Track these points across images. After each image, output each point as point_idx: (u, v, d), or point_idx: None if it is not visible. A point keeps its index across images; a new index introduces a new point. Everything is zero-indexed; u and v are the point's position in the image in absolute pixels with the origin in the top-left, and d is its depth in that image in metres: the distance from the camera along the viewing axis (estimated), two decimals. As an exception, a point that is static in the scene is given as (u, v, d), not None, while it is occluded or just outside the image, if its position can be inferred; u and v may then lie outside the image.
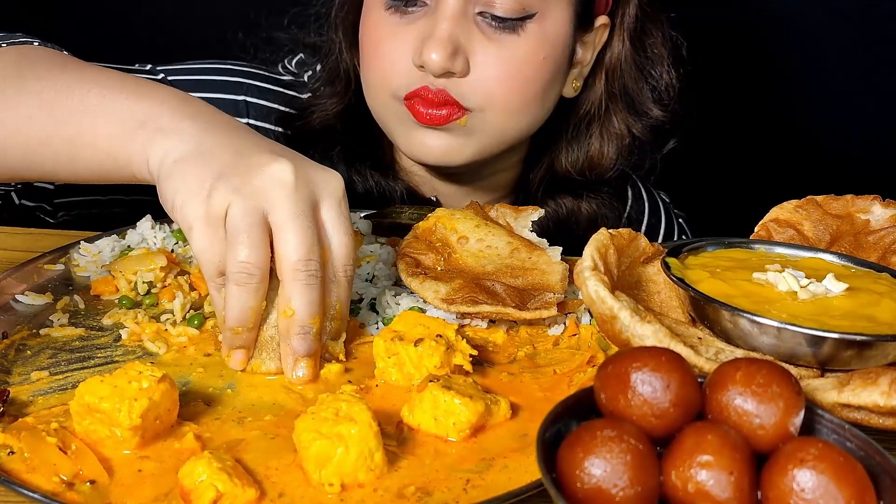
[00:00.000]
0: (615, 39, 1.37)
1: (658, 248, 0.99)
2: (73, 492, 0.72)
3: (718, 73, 1.76)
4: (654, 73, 1.40)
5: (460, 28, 1.21)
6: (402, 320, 0.92)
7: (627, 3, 1.35)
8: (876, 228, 1.04)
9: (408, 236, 1.09)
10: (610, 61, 1.38)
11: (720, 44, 1.80)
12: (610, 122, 1.41)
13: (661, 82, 1.41)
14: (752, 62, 1.94)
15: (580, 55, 1.36)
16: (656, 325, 0.81)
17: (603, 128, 1.41)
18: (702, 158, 1.75)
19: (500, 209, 1.17)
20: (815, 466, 0.58)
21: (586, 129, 1.42)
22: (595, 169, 1.43)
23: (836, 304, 0.85)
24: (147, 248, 1.13)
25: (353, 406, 0.74)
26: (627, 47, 1.37)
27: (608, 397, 0.65)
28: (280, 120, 1.43)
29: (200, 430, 0.80)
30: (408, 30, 1.23)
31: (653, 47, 1.40)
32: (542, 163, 1.46)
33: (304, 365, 0.88)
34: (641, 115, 1.41)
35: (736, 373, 0.64)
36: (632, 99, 1.41)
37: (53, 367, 0.91)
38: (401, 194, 1.43)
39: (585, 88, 1.40)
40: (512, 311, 0.95)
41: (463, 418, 0.79)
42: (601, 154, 1.42)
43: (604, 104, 1.40)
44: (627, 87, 1.39)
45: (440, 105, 1.23)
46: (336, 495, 0.72)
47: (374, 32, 1.28)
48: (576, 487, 0.59)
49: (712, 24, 1.74)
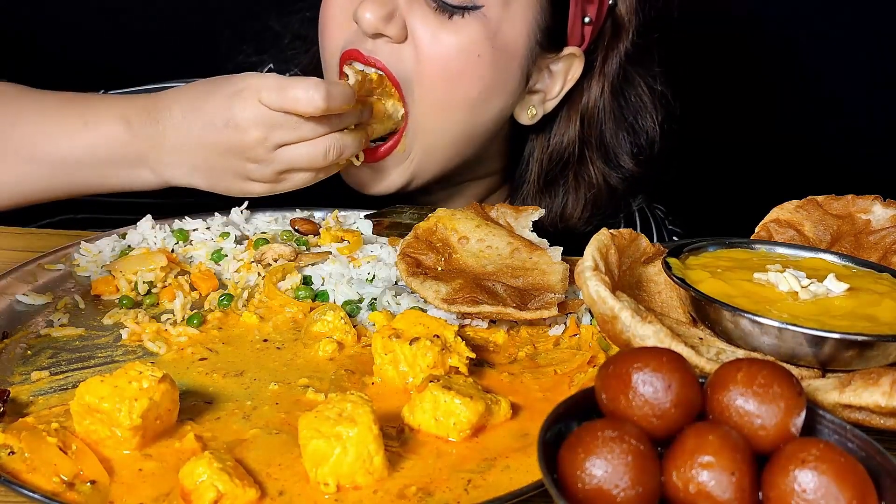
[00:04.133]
0: (594, 83, 1.32)
1: (659, 249, 0.99)
2: (73, 492, 0.72)
3: (718, 73, 1.76)
4: (635, 125, 1.35)
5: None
6: (403, 318, 0.92)
7: (613, 49, 1.30)
8: (877, 228, 1.04)
9: (408, 236, 1.09)
10: (587, 106, 1.32)
11: (720, 44, 1.80)
12: (584, 169, 1.35)
13: (642, 135, 1.35)
14: (752, 63, 1.95)
15: (546, 83, 1.30)
16: (657, 326, 0.81)
17: (577, 175, 1.36)
18: (702, 159, 1.75)
19: (500, 209, 1.17)
20: (816, 467, 0.58)
21: (560, 174, 1.37)
22: (566, 223, 1.39)
23: (836, 304, 0.85)
24: (147, 248, 1.12)
25: (357, 408, 0.73)
26: (607, 94, 1.31)
27: (609, 398, 0.65)
28: None
29: (201, 429, 0.80)
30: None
31: (636, 97, 1.34)
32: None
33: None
34: (616, 169, 1.36)
35: (737, 373, 0.64)
36: (607, 149, 1.35)
37: (54, 367, 0.91)
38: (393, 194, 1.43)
39: (557, 129, 1.34)
40: (512, 311, 0.95)
41: (463, 418, 0.79)
42: (573, 211, 1.37)
43: (576, 151, 1.34)
44: (605, 136, 1.34)
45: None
46: (332, 495, 0.72)
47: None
48: (577, 488, 0.59)
49: (712, 25, 1.74)
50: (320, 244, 1.16)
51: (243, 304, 1.04)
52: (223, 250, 1.13)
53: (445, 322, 0.92)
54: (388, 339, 0.89)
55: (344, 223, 1.22)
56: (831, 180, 1.26)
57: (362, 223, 1.22)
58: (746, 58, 1.93)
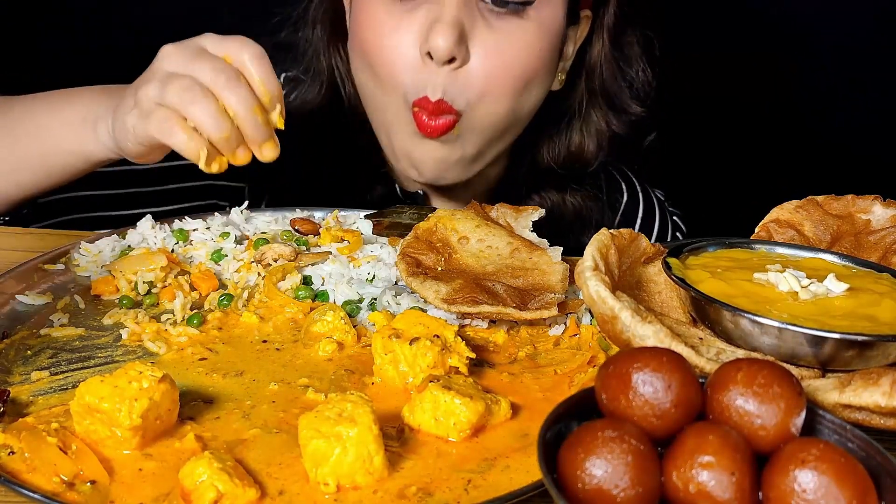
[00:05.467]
0: (595, 38, 1.38)
1: (659, 249, 0.99)
2: (73, 492, 0.72)
3: (718, 73, 1.76)
4: (630, 71, 1.42)
5: (464, 13, 1.21)
6: (403, 318, 0.92)
7: (610, 2, 1.36)
8: (877, 228, 1.04)
9: (408, 236, 1.09)
10: (590, 59, 1.40)
11: (720, 44, 1.81)
12: (590, 118, 1.43)
13: (637, 80, 1.42)
14: (751, 63, 1.94)
15: (566, 49, 1.36)
16: (657, 326, 0.81)
17: (583, 123, 1.43)
18: (702, 159, 1.76)
19: (500, 209, 1.17)
20: (816, 467, 0.58)
21: (567, 125, 1.44)
22: (577, 161, 1.45)
23: (837, 304, 0.85)
24: (147, 248, 1.12)
25: (357, 408, 0.73)
26: (607, 46, 1.38)
27: (609, 398, 0.65)
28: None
29: (201, 429, 0.80)
30: (411, 18, 1.23)
31: (630, 46, 1.41)
32: (525, 158, 1.47)
33: (268, 146, 0.99)
34: (620, 112, 1.43)
35: (737, 373, 0.64)
36: (611, 96, 1.42)
37: (53, 367, 0.91)
38: (390, 192, 1.43)
39: (566, 84, 1.41)
40: (512, 311, 0.95)
41: (463, 418, 0.79)
42: (581, 147, 1.44)
43: (583, 101, 1.42)
44: (606, 84, 1.41)
45: (439, 115, 1.23)
46: (332, 495, 0.72)
47: (375, 24, 1.26)
48: (577, 488, 0.59)
49: (712, 24, 1.74)
50: (320, 244, 1.16)
51: (243, 305, 1.04)
52: (223, 250, 1.13)
53: (445, 322, 0.92)
54: (389, 339, 0.89)
55: (344, 223, 1.22)
56: (831, 180, 1.26)
57: (362, 223, 1.22)
58: (746, 58, 1.93)
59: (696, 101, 1.43)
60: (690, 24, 1.44)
